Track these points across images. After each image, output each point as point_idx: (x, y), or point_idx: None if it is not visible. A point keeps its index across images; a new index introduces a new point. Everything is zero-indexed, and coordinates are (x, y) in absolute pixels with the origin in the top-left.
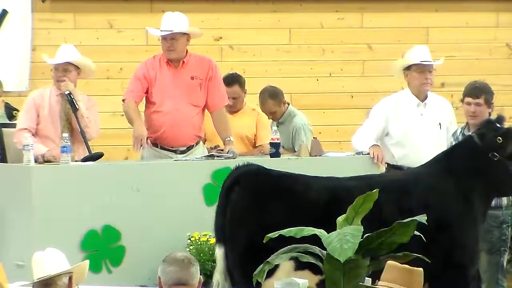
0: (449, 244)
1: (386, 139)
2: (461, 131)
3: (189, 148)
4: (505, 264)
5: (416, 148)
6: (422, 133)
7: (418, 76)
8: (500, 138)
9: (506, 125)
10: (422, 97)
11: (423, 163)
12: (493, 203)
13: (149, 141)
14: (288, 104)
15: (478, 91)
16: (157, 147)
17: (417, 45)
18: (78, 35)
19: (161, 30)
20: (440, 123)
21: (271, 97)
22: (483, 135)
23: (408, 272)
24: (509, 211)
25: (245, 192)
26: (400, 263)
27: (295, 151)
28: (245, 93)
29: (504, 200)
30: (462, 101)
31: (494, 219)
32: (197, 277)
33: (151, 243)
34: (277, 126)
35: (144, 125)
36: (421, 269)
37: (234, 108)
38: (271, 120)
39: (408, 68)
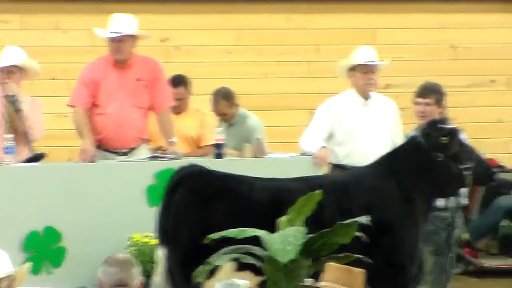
0: (390, 245)
1: (330, 138)
2: (412, 133)
3: (132, 149)
4: (450, 266)
5: (359, 147)
6: (365, 132)
7: (362, 76)
8: (444, 138)
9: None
10: (366, 97)
11: (366, 162)
12: (440, 204)
13: (96, 153)
14: (238, 106)
15: (427, 91)
16: (100, 148)
17: (362, 46)
18: (24, 36)
19: (110, 32)
20: (383, 123)
21: (224, 98)
22: (428, 135)
23: (349, 272)
24: (456, 213)
25: (188, 193)
26: (341, 264)
27: None
28: (190, 94)
29: (451, 202)
30: (413, 101)
31: (441, 221)
32: (137, 278)
33: (92, 244)
34: (228, 128)
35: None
36: (362, 269)
37: (178, 109)
38: (222, 121)
39: (352, 68)
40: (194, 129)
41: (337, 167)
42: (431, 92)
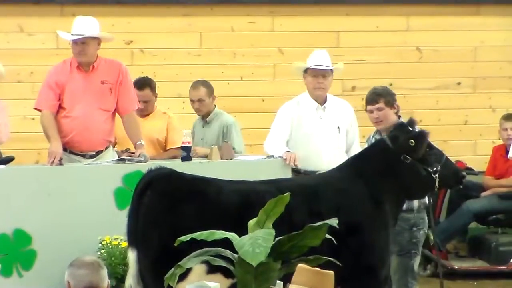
0: (360, 247)
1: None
2: (373, 136)
3: (98, 152)
4: (415, 267)
5: (314, 151)
6: (320, 136)
7: (312, 80)
8: (412, 141)
9: (418, 128)
10: (320, 101)
11: (321, 166)
12: (404, 206)
13: (63, 156)
14: (215, 106)
15: (376, 97)
16: (66, 151)
17: (316, 49)
18: None
19: (72, 34)
20: (339, 127)
21: (205, 86)
22: (396, 137)
23: (319, 275)
24: (421, 214)
25: (158, 196)
26: (311, 266)
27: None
28: (156, 96)
29: (416, 203)
30: (365, 110)
31: (405, 222)
32: (106, 280)
33: (62, 247)
34: (204, 126)
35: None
36: (332, 271)
37: (145, 111)
38: (199, 115)
39: (305, 71)
40: (161, 131)
41: (292, 170)
42: (379, 96)
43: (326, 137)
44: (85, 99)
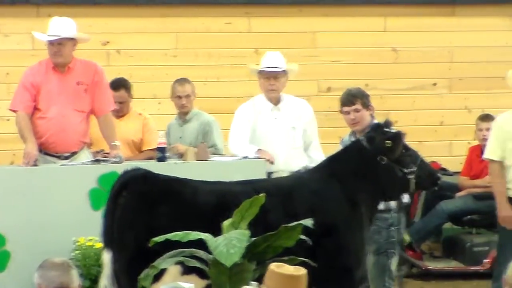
0: (335, 248)
1: None
2: (348, 138)
3: (74, 153)
4: (393, 267)
5: (270, 151)
6: (275, 136)
7: (264, 82)
8: (388, 141)
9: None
10: (275, 102)
11: (278, 166)
12: (382, 205)
13: (39, 157)
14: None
15: (352, 98)
16: (41, 152)
17: (269, 51)
18: None
19: (48, 35)
20: (294, 127)
21: (189, 83)
22: (372, 138)
23: (290, 279)
24: (398, 213)
25: (133, 197)
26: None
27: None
28: (131, 97)
29: (393, 203)
30: (340, 111)
31: (383, 221)
32: (76, 280)
33: (36, 248)
34: (183, 124)
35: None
36: (304, 273)
37: (120, 112)
38: (179, 113)
39: (259, 73)
40: (136, 132)
41: None
42: (356, 98)
43: (281, 138)
44: (60, 100)
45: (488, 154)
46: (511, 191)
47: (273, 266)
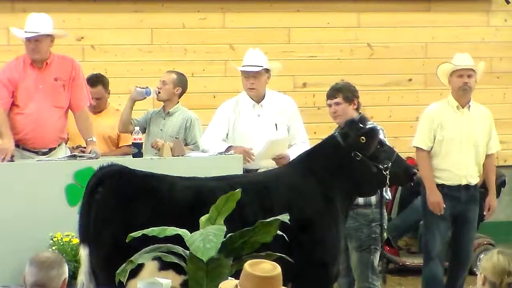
0: (310, 243)
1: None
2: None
3: (51, 149)
4: (376, 262)
5: (252, 149)
6: (258, 134)
7: (244, 81)
8: (363, 137)
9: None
10: (257, 99)
11: (259, 163)
12: (362, 201)
13: (15, 153)
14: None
15: (335, 91)
16: (19, 148)
17: (250, 48)
18: None
19: (25, 31)
20: (276, 124)
21: (176, 74)
22: (346, 134)
23: (265, 280)
24: (379, 209)
25: (109, 192)
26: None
27: (186, 144)
28: (108, 93)
29: (373, 198)
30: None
31: (363, 217)
32: (58, 280)
33: (13, 244)
34: (165, 118)
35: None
36: (278, 273)
37: (97, 108)
38: (163, 106)
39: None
40: (113, 128)
41: None
42: (338, 91)
43: (264, 134)
44: (38, 96)
45: (417, 143)
46: (437, 178)
47: (248, 266)
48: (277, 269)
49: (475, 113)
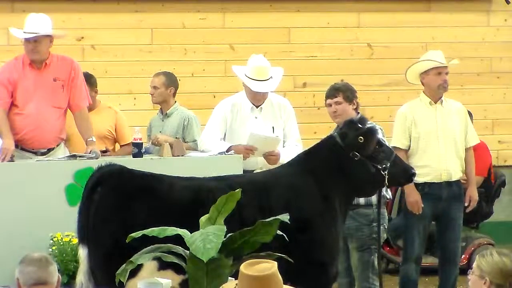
0: (309, 243)
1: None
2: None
3: (50, 150)
4: (375, 262)
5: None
6: None
7: (250, 92)
8: (361, 137)
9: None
10: (256, 102)
11: (257, 165)
12: (363, 201)
13: (15, 153)
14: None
15: (335, 91)
16: (18, 148)
17: (255, 56)
18: None
19: (25, 32)
20: (273, 126)
21: (165, 76)
22: (345, 134)
23: (259, 280)
24: (382, 210)
25: (108, 192)
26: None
27: (185, 142)
28: (96, 92)
29: (374, 198)
30: (325, 105)
31: (364, 217)
32: (55, 276)
33: (13, 244)
34: (162, 120)
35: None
36: (274, 272)
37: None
38: (160, 108)
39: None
40: (106, 125)
41: None
42: (338, 91)
43: None
44: (37, 96)
45: (393, 143)
46: (418, 176)
47: (243, 267)
48: (272, 268)
49: (448, 108)
